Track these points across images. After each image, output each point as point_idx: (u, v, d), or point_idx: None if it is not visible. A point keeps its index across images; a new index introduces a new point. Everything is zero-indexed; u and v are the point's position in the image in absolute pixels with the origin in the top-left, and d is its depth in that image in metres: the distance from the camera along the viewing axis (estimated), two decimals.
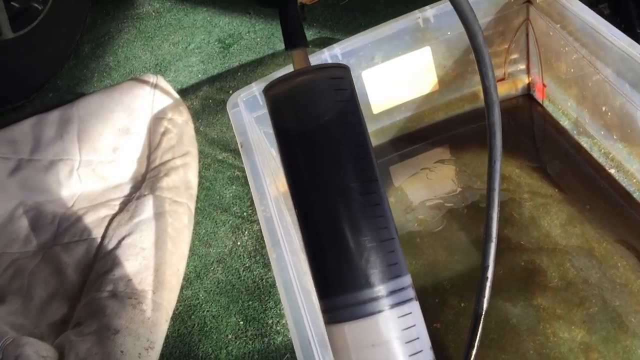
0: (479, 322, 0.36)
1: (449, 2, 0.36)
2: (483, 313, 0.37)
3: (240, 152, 0.53)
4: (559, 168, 0.59)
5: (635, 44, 0.47)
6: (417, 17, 0.58)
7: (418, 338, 0.32)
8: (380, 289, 0.32)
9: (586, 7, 0.51)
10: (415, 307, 0.34)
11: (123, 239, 0.62)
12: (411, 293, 0.34)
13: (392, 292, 0.32)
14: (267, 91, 0.36)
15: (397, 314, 0.32)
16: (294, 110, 0.34)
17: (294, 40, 0.39)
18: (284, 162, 0.36)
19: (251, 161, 0.52)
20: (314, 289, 0.46)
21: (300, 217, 0.35)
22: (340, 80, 0.35)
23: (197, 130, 0.80)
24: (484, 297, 0.37)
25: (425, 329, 0.33)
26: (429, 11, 0.58)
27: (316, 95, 0.34)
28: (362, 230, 0.32)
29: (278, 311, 0.56)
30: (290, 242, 0.47)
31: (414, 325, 0.33)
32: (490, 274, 0.38)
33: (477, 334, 0.36)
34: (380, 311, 0.32)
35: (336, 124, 0.34)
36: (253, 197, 0.49)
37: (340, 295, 0.32)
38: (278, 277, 0.43)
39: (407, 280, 0.34)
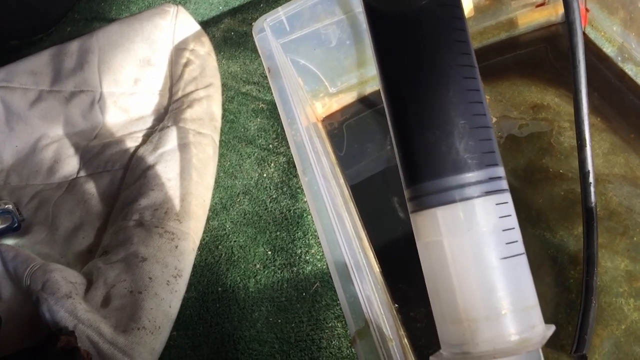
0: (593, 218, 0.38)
1: None
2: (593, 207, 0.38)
3: (268, 77, 0.51)
4: (600, 97, 0.56)
5: None
6: None
7: (513, 228, 0.31)
8: (477, 175, 0.31)
9: None
10: (509, 198, 0.32)
11: (147, 169, 0.61)
12: (506, 184, 0.32)
13: (489, 179, 0.31)
14: None
15: (495, 201, 0.31)
16: None
17: None
18: (375, 43, 0.34)
19: (279, 86, 0.49)
20: (346, 214, 0.45)
21: (393, 99, 0.33)
22: None
23: (219, 63, 0.77)
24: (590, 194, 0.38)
25: (517, 223, 0.32)
26: None
27: None
28: (461, 112, 0.31)
29: (307, 241, 0.55)
30: (321, 167, 0.45)
31: (510, 215, 0.32)
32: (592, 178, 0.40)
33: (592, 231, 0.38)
34: (477, 196, 0.31)
35: (437, 4, 0.32)
36: (282, 122, 0.47)
37: (434, 179, 0.31)
38: (311, 201, 0.41)
39: (502, 170, 0.33)
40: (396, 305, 0.47)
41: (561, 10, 0.63)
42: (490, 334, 0.29)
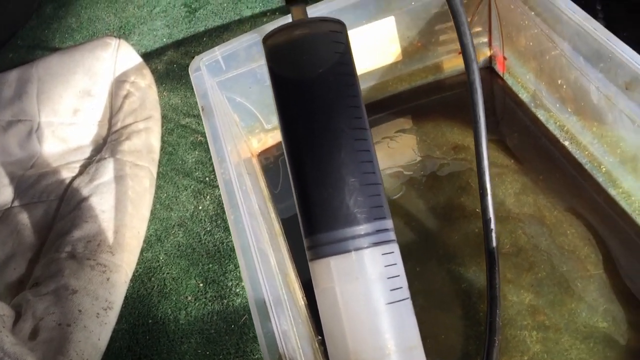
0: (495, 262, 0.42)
1: None
2: (495, 251, 0.42)
3: (202, 115, 0.53)
4: (516, 140, 0.61)
5: (591, 18, 0.48)
6: None
7: (398, 276, 0.34)
8: (366, 227, 0.35)
9: None
10: (396, 248, 0.36)
11: (82, 201, 0.62)
12: (393, 235, 0.36)
13: (377, 231, 0.35)
14: (265, 40, 0.38)
15: (381, 252, 0.35)
16: (292, 59, 0.37)
17: None
18: (280, 107, 0.38)
19: (212, 125, 0.51)
20: (271, 251, 0.47)
21: (293, 158, 0.37)
22: (338, 33, 0.37)
23: (160, 95, 0.79)
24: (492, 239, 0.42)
25: (403, 270, 0.35)
26: None
27: (316, 45, 0.37)
28: (352, 171, 0.35)
29: (237, 274, 0.57)
30: (249, 205, 0.47)
31: (395, 264, 0.35)
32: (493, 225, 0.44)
33: (495, 272, 0.42)
34: (365, 247, 0.34)
35: (332, 74, 0.36)
36: (213, 160, 0.49)
37: (328, 231, 0.35)
38: (236, 239, 0.43)
39: (389, 223, 0.37)
40: (319, 337, 0.49)
41: (482, 57, 0.67)
42: None
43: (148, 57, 0.86)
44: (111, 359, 0.54)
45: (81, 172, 0.68)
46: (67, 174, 0.68)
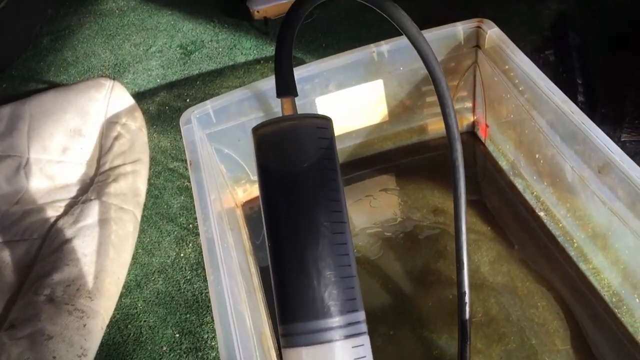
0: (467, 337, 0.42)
1: (403, 38, 0.40)
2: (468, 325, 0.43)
3: (189, 169, 0.54)
4: (495, 204, 0.62)
5: (569, 101, 0.50)
6: (372, 50, 0.60)
7: None
8: (338, 320, 0.36)
9: (528, 59, 0.54)
10: (366, 340, 0.38)
11: (65, 242, 0.63)
12: (364, 327, 0.38)
13: (348, 324, 0.37)
14: (255, 130, 0.41)
15: (352, 344, 0.36)
16: (279, 151, 0.40)
17: (287, 89, 0.43)
18: (263, 196, 0.40)
19: (198, 180, 0.53)
20: (248, 312, 0.48)
21: (272, 247, 0.39)
22: (323, 130, 0.40)
23: (150, 137, 0.80)
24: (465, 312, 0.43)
25: None
26: (384, 46, 0.60)
27: (301, 140, 0.39)
28: (328, 265, 0.37)
29: (213, 326, 0.57)
30: (229, 264, 0.48)
31: (364, 357, 0.37)
32: (467, 298, 0.44)
33: (466, 346, 0.43)
34: (336, 340, 0.36)
35: (315, 168, 0.39)
36: (197, 216, 0.50)
37: (302, 321, 0.36)
38: (214, 301, 0.44)
39: (362, 315, 0.39)
40: None
41: (466, 121, 0.69)
42: None
43: (140, 96, 0.88)
44: None
45: (66, 211, 0.69)
46: (51, 213, 0.69)
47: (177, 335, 0.58)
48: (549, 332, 0.50)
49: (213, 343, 0.56)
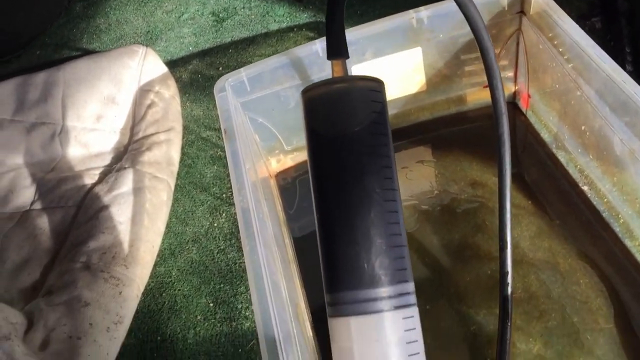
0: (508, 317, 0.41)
1: (444, 4, 0.38)
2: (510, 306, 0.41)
3: (223, 138, 0.54)
4: (535, 178, 0.60)
5: (620, 69, 0.47)
6: (411, 17, 0.58)
7: (417, 341, 0.35)
8: (389, 290, 0.35)
9: (576, 26, 0.52)
10: (416, 312, 0.37)
11: (100, 210, 0.63)
12: (414, 299, 0.37)
13: (399, 295, 0.35)
14: (305, 92, 0.39)
15: (402, 316, 0.35)
16: (330, 114, 0.38)
17: (338, 50, 0.41)
18: (312, 160, 0.39)
19: (233, 150, 0.52)
20: (283, 282, 0.47)
21: (320, 213, 0.37)
22: (376, 93, 0.38)
23: (183, 105, 0.80)
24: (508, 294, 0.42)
25: (421, 334, 0.35)
26: (424, 12, 0.58)
27: (353, 103, 0.37)
28: (379, 233, 0.35)
29: (248, 296, 0.57)
30: (264, 234, 0.47)
31: (414, 329, 0.36)
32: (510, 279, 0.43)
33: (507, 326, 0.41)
34: (386, 310, 0.34)
35: (368, 133, 0.37)
36: (232, 186, 0.49)
37: (350, 290, 0.35)
38: (250, 271, 0.43)
39: (412, 286, 0.37)
40: None
41: (507, 91, 0.67)
42: None
43: (173, 64, 0.87)
44: None
45: (100, 179, 0.69)
46: (86, 181, 0.69)
47: (211, 304, 0.58)
48: (591, 310, 0.49)
49: (247, 313, 0.56)
